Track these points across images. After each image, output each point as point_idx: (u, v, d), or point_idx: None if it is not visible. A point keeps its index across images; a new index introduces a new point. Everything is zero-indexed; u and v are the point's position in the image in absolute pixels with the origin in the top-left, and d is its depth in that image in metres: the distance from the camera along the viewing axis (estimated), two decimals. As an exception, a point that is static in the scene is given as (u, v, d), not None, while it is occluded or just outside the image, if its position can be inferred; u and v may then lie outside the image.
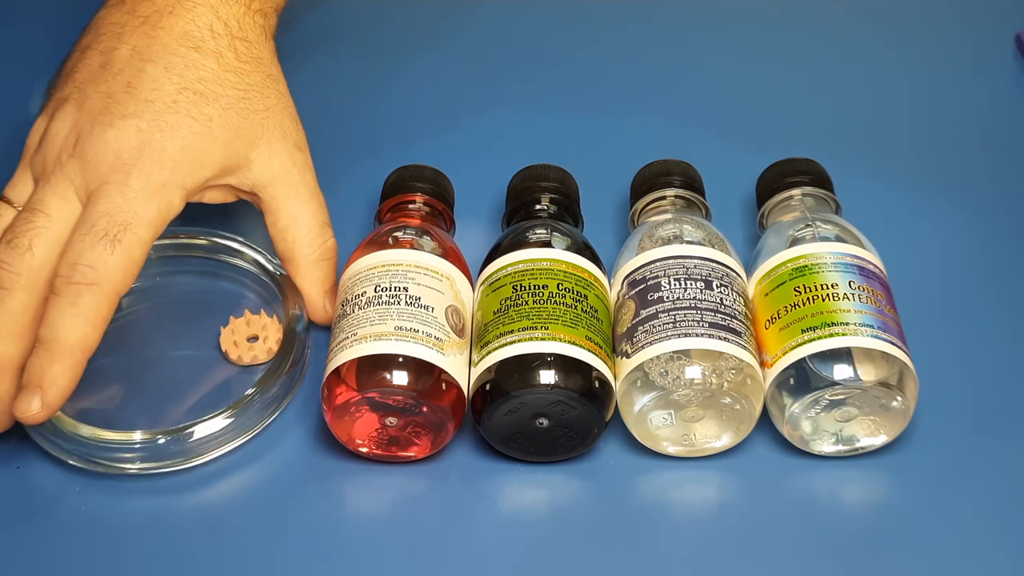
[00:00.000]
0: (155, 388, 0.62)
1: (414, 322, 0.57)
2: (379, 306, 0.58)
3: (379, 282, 0.59)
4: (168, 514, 0.57)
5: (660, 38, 0.81)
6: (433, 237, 0.62)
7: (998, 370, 0.62)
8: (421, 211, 0.64)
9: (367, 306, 0.58)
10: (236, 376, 0.62)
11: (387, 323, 0.57)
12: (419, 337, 0.57)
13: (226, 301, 0.65)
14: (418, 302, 0.58)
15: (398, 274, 0.59)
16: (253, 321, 0.63)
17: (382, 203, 0.65)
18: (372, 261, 0.60)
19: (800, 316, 0.57)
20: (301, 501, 0.58)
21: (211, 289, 0.66)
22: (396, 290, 0.58)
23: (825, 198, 0.64)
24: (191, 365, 0.63)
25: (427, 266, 0.60)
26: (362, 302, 0.58)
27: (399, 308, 0.57)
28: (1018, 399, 0.61)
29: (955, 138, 0.74)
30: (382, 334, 0.56)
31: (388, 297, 0.58)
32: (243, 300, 0.65)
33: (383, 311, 0.57)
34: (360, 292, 0.59)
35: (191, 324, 0.64)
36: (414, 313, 0.57)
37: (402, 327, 0.57)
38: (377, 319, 0.57)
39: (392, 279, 0.59)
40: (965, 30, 0.82)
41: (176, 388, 0.62)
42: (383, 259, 0.60)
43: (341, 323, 0.58)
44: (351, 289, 0.59)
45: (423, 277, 0.59)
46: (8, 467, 0.59)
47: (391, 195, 0.65)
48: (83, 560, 0.56)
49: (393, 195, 0.65)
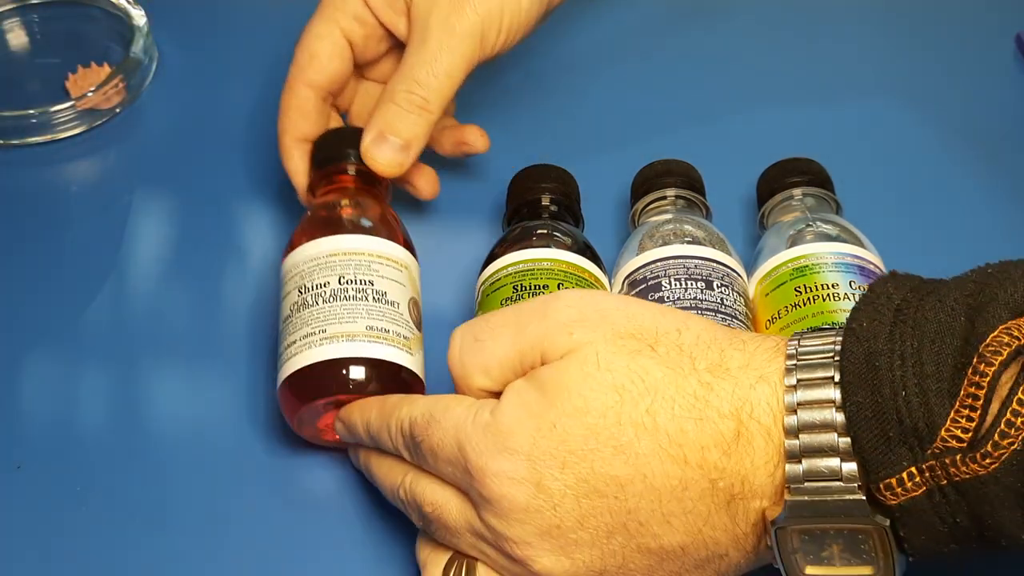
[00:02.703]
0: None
1: (384, 320, 0.56)
2: (346, 301, 0.56)
3: (343, 272, 0.57)
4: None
5: (660, 38, 0.81)
6: (372, 210, 0.61)
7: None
8: (356, 182, 0.63)
9: (332, 299, 0.56)
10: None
11: (357, 322, 0.56)
12: (390, 338, 0.56)
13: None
14: (384, 298, 0.57)
15: (361, 265, 0.58)
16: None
17: (314, 172, 0.64)
18: (329, 247, 0.58)
19: (801, 316, 0.57)
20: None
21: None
22: (362, 283, 0.57)
23: (825, 198, 0.64)
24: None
25: (388, 256, 0.59)
26: (326, 294, 0.56)
27: (367, 305, 0.56)
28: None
29: (955, 138, 0.74)
30: (353, 334, 0.55)
31: (355, 291, 0.57)
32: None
33: (351, 307, 0.56)
34: (322, 282, 0.57)
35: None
36: (383, 311, 0.57)
37: (372, 327, 0.56)
38: (346, 316, 0.56)
39: (356, 271, 0.57)
40: (965, 30, 0.82)
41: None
42: (341, 246, 0.58)
43: (302, 313, 0.57)
44: (310, 276, 0.57)
45: (386, 269, 0.58)
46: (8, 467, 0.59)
47: (322, 165, 0.64)
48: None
49: (324, 165, 0.63)
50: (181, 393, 0.63)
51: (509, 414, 0.46)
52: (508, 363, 0.48)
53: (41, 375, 0.64)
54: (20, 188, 0.73)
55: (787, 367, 0.44)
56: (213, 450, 0.60)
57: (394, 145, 0.62)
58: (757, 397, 0.44)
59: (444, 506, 0.49)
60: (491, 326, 0.49)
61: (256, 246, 0.70)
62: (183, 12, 0.83)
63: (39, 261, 0.69)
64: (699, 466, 0.44)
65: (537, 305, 0.49)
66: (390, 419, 0.51)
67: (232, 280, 0.68)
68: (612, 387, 0.45)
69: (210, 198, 0.72)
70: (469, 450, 0.47)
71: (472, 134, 0.67)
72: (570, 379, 0.46)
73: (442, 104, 0.62)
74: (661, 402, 0.45)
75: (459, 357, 0.50)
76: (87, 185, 0.74)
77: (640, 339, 0.46)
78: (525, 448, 0.45)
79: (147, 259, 0.70)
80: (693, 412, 0.44)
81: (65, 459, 0.60)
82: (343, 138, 0.64)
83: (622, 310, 0.47)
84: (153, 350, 0.65)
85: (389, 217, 0.62)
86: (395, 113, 0.62)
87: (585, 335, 0.46)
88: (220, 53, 0.81)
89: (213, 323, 0.66)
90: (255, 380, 0.62)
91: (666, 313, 0.48)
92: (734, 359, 0.45)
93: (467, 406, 0.48)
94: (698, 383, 0.45)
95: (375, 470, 0.54)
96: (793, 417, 0.43)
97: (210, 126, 0.76)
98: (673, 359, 0.45)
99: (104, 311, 0.67)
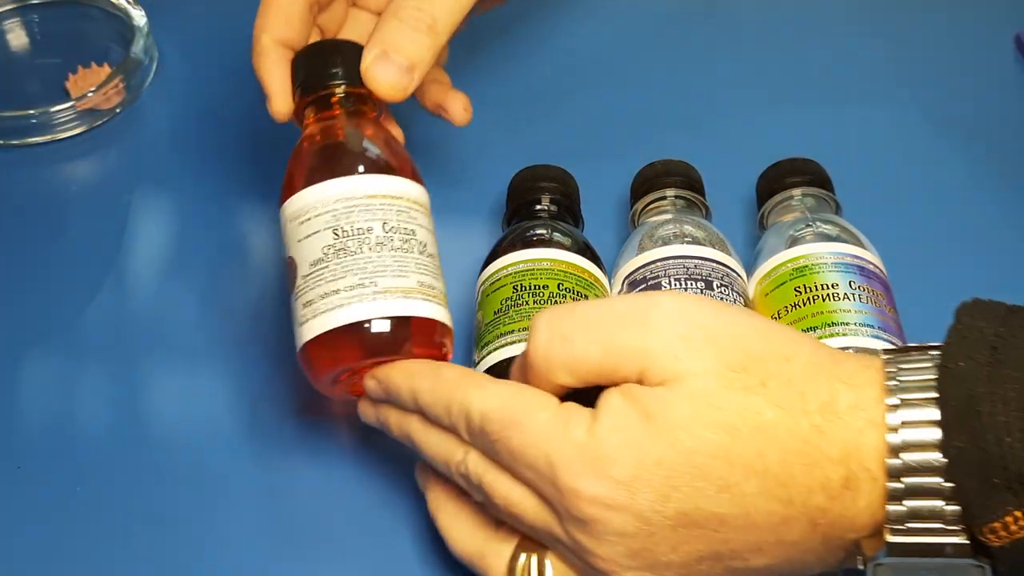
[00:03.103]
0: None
1: (430, 276, 0.53)
2: (393, 251, 0.52)
3: (385, 218, 0.53)
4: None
5: (660, 38, 0.81)
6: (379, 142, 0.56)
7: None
8: (368, 107, 0.58)
9: (379, 247, 0.52)
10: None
11: (409, 276, 0.52)
12: (437, 296, 0.53)
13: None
14: (426, 250, 0.53)
15: (402, 212, 0.53)
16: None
17: (308, 90, 0.57)
18: (368, 187, 0.53)
19: (800, 316, 0.57)
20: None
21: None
22: (406, 232, 0.53)
23: (825, 198, 0.64)
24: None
25: (423, 203, 0.55)
26: (371, 241, 0.52)
27: (415, 258, 0.53)
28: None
29: (955, 138, 0.74)
30: (408, 290, 0.52)
31: (400, 241, 0.52)
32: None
33: (401, 259, 0.52)
34: (365, 227, 0.52)
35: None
36: (427, 265, 0.53)
37: (423, 283, 0.52)
38: (398, 269, 0.52)
39: (399, 218, 0.53)
40: (965, 30, 0.82)
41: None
42: (381, 187, 0.53)
43: (344, 260, 0.52)
44: (347, 217, 0.52)
45: (423, 217, 0.54)
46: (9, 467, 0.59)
47: (321, 82, 0.57)
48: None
49: (325, 83, 0.57)
50: (181, 393, 0.63)
51: (609, 439, 0.45)
52: (597, 367, 0.47)
53: (41, 375, 0.64)
54: (20, 188, 0.73)
55: (888, 404, 0.44)
56: (213, 450, 0.60)
57: (399, 66, 0.56)
58: (866, 443, 0.44)
59: (519, 504, 0.47)
60: (582, 324, 0.47)
61: (256, 246, 0.70)
62: (183, 12, 0.83)
63: (39, 261, 0.69)
64: (803, 506, 0.44)
65: (634, 310, 0.46)
66: (451, 399, 0.49)
67: (232, 280, 0.68)
68: (724, 427, 0.44)
69: (210, 198, 0.72)
70: (561, 469, 0.45)
71: (457, 102, 0.63)
72: (679, 414, 0.44)
73: (450, 29, 0.57)
74: (772, 444, 0.44)
75: (544, 352, 0.47)
76: (87, 185, 0.74)
77: (751, 372, 0.45)
78: (625, 478, 0.44)
79: (147, 259, 0.70)
80: (803, 457, 0.44)
81: (65, 459, 0.60)
82: (343, 53, 0.57)
83: (728, 330, 0.46)
84: (153, 350, 0.65)
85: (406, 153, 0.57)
86: (400, 31, 0.56)
87: (693, 363, 0.45)
88: (220, 53, 0.81)
89: (213, 323, 0.66)
90: (255, 380, 0.62)
91: (771, 334, 0.46)
92: (843, 398, 0.44)
93: (554, 414, 0.46)
94: (809, 426, 0.44)
95: (421, 439, 0.51)
96: (897, 460, 0.43)
97: (210, 126, 0.76)
98: (784, 397, 0.44)
99: (104, 311, 0.67)
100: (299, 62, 0.58)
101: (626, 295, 0.48)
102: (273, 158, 0.70)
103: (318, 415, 0.61)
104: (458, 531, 0.52)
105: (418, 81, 0.57)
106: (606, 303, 0.48)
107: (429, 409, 0.50)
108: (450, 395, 0.49)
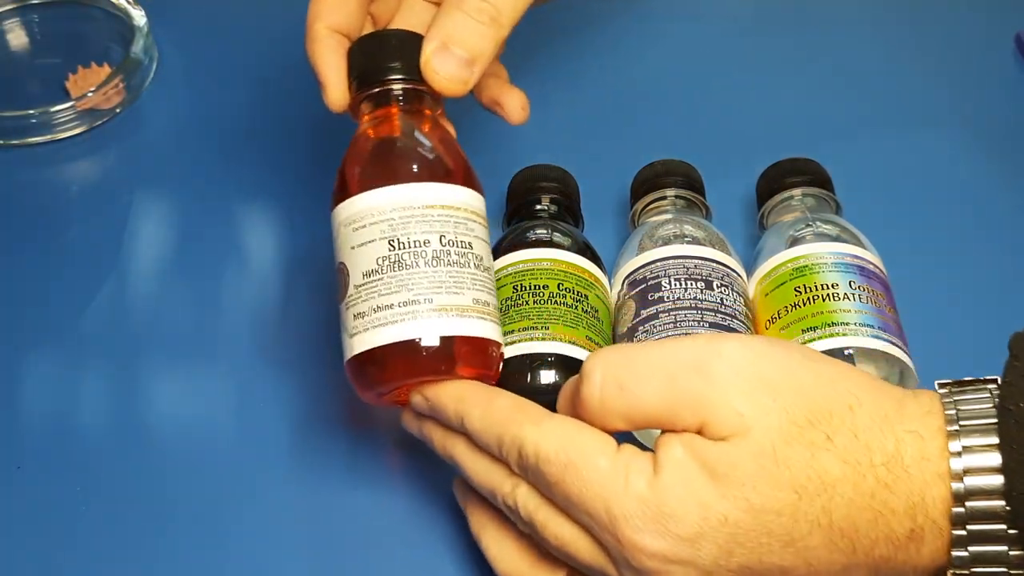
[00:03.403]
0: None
1: (484, 292, 0.52)
2: (450, 266, 0.51)
3: (443, 231, 0.51)
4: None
5: (661, 37, 0.81)
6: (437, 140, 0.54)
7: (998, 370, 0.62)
8: (426, 105, 0.55)
9: (435, 262, 0.51)
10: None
11: (464, 293, 0.51)
12: (491, 313, 0.52)
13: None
14: (482, 263, 0.52)
15: (460, 223, 0.52)
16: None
17: (365, 85, 0.55)
18: (426, 196, 0.51)
19: (800, 316, 0.57)
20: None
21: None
22: (463, 245, 0.51)
23: (825, 198, 0.64)
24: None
25: (480, 213, 0.53)
26: (427, 255, 0.51)
27: (471, 273, 0.51)
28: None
29: (955, 138, 0.74)
30: (463, 308, 0.51)
31: (457, 255, 0.51)
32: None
33: (457, 274, 0.51)
34: (422, 239, 0.51)
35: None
36: (481, 280, 0.52)
37: (477, 299, 0.51)
38: (453, 285, 0.51)
39: (456, 230, 0.52)
40: (965, 30, 0.82)
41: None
42: (440, 197, 0.52)
43: (398, 273, 0.51)
44: (403, 228, 0.51)
45: (480, 228, 0.53)
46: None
47: (378, 77, 0.54)
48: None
49: (381, 77, 0.54)
50: (181, 393, 0.63)
51: (672, 495, 0.44)
52: (655, 416, 0.46)
53: (41, 375, 0.64)
54: (20, 188, 0.73)
55: (951, 451, 0.43)
56: (212, 450, 0.60)
57: (459, 59, 0.53)
58: (932, 496, 0.43)
59: (572, 544, 0.47)
60: (638, 373, 0.46)
61: (256, 246, 0.70)
62: (183, 12, 0.83)
63: (39, 261, 0.69)
64: (866, 555, 0.44)
65: (693, 358, 0.45)
66: (503, 431, 0.48)
67: (232, 280, 0.68)
68: (790, 486, 0.43)
69: (210, 198, 0.72)
70: (622, 522, 0.44)
71: (515, 99, 0.60)
72: (744, 472, 0.44)
73: (513, 21, 0.55)
74: (838, 500, 0.43)
75: (599, 400, 0.46)
76: (87, 185, 0.74)
77: (816, 427, 0.44)
78: (689, 534, 0.44)
79: (147, 259, 0.70)
80: (868, 511, 0.43)
81: (65, 459, 0.60)
82: (403, 45, 0.55)
83: (792, 382, 0.45)
84: (153, 350, 0.65)
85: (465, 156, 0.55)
86: (462, 22, 0.53)
87: (757, 419, 0.44)
88: (220, 53, 0.81)
89: (213, 323, 0.66)
90: (255, 380, 0.62)
91: (835, 382, 0.45)
92: (908, 450, 0.44)
93: (613, 460, 0.45)
94: (875, 481, 0.43)
95: (467, 464, 0.50)
96: (961, 508, 0.43)
97: (210, 126, 0.76)
98: (850, 452, 0.44)
99: (104, 311, 0.67)
100: (356, 53, 0.55)
101: (684, 338, 0.47)
102: (273, 158, 0.71)
103: (318, 415, 0.61)
104: (505, 554, 0.51)
105: (479, 75, 0.55)
106: (664, 348, 0.46)
107: (478, 436, 0.49)
108: (503, 427, 0.48)
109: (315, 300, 0.65)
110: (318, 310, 0.65)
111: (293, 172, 0.72)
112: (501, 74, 0.62)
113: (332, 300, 0.56)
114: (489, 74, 0.59)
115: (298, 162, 0.73)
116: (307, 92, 0.66)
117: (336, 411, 0.61)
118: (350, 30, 0.56)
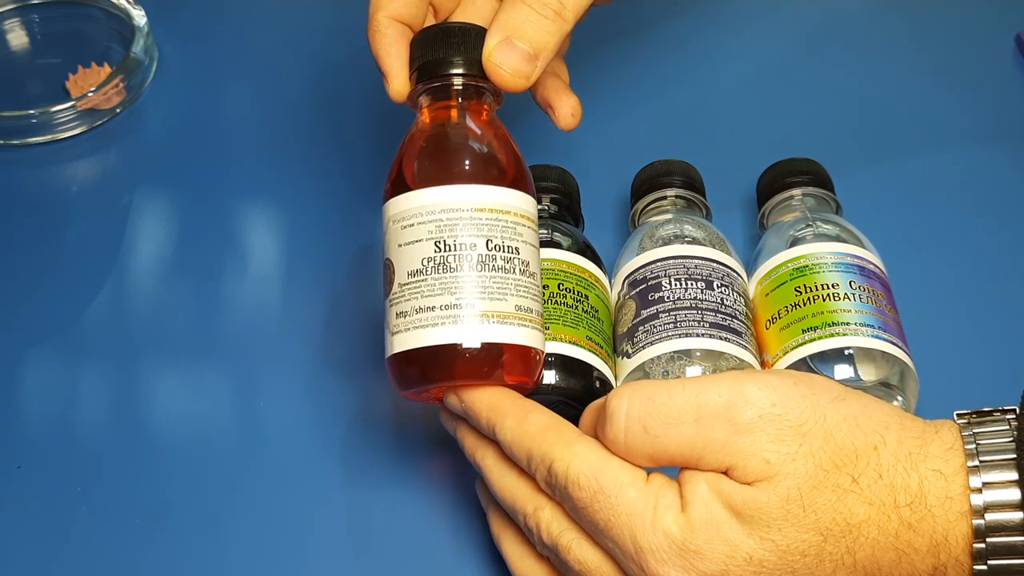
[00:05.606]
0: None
1: (528, 299, 0.51)
2: (496, 271, 0.51)
3: (491, 235, 0.51)
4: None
5: (661, 37, 0.81)
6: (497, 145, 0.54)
7: (998, 370, 0.62)
8: (487, 101, 0.55)
9: (480, 266, 0.50)
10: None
11: (508, 299, 0.51)
12: (535, 320, 0.52)
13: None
14: (528, 269, 0.52)
15: (507, 227, 0.52)
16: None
17: (426, 78, 0.54)
18: (475, 198, 0.51)
19: (800, 316, 0.57)
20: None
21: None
22: (509, 251, 0.51)
23: (825, 198, 0.64)
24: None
25: (531, 216, 0.53)
26: (472, 259, 0.50)
27: (516, 279, 0.51)
28: (1018, 399, 0.61)
29: (955, 138, 0.74)
30: (505, 315, 0.50)
31: (504, 261, 0.51)
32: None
33: (502, 280, 0.51)
34: (468, 243, 0.51)
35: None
36: (528, 287, 0.52)
37: (520, 306, 0.51)
38: (497, 291, 0.51)
39: (503, 235, 0.51)
40: (965, 30, 0.82)
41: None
42: (488, 199, 0.51)
43: (443, 276, 0.50)
44: (451, 230, 0.51)
45: (529, 232, 0.52)
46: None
47: (438, 69, 0.54)
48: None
49: (443, 70, 0.54)
50: (181, 393, 0.63)
51: (699, 533, 0.45)
52: (681, 459, 0.46)
53: (41, 375, 0.64)
54: (20, 188, 0.73)
55: (972, 486, 0.44)
56: (212, 450, 0.60)
57: (521, 53, 0.53)
58: (955, 534, 0.44)
59: (595, 570, 0.47)
60: (663, 417, 0.46)
61: (256, 246, 0.70)
62: (183, 12, 0.83)
63: (39, 261, 0.69)
64: None
65: (719, 404, 0.45)
66: (533, 448, 0.48)
67: (232, 280, 0.68)
68: (816, 528, 0.44)
69: (210, 198, 0.72)
70: (649, 556, 0.45)
71: (567, 104, 0.59)
72: (771, 516, 0.44)
73: (578, 15, 0.54)
74: (863, 540, 0.44)
75: (624, 441, 0.46)
76: (87, 185, 0.74)
77: (842, 470, 0.44)
78: (714, 572, 0.44)
79: (147, 259, 0.70)
80: (892, 551, 0.44)
81: (65, 459, 0.60)
82: (466, 39, 0.54)
83: (819, 425, 0.45)
84: (153, 350, 0.65)
85: (520, 155, 0.55)
86: (525, 15, 0.53)
87: (784, 465, 0.44)
88: (220, 53, 0.81)
89: (213, 323, 0.66)
90: (255, 380, 0.62)
91: (861, 420, 0.45)
92: (932, 488, 0.44)
93: (642, 494, 0.46)
94: (899, 522, 0.44)
95: (494, 476, 0.51)
96: (982, 544, 0.43)
97: (210, 126, 0.76)
98: (875, 494, 0.44)
99: (104, 311, 0.67)
100: (418, 44, 0.55)
101: (708, 379, 0.46)
102: (273, 158, 0.71)
103: (317, 414, 0.61)
104: (526, 564, 0.51)
105: (541, 70, 0.54)
106: (687, 391, 0.46)
107: (508, 447, 0.49)
108: (533, 444, 0.48)
109: (315, 300, 0.65)
110: (318, 310, 0.65)
111: (293, 172, 0.72)
112: (562, 75, 0.61)
113: (332, 300, 0.57)
114: (548, 72, 0.59)
115: (298, 162, 0.73)
116: (307, 92, 0.67)
117: (336, 411, 0.61)
118: (412, 20, 0.56)
